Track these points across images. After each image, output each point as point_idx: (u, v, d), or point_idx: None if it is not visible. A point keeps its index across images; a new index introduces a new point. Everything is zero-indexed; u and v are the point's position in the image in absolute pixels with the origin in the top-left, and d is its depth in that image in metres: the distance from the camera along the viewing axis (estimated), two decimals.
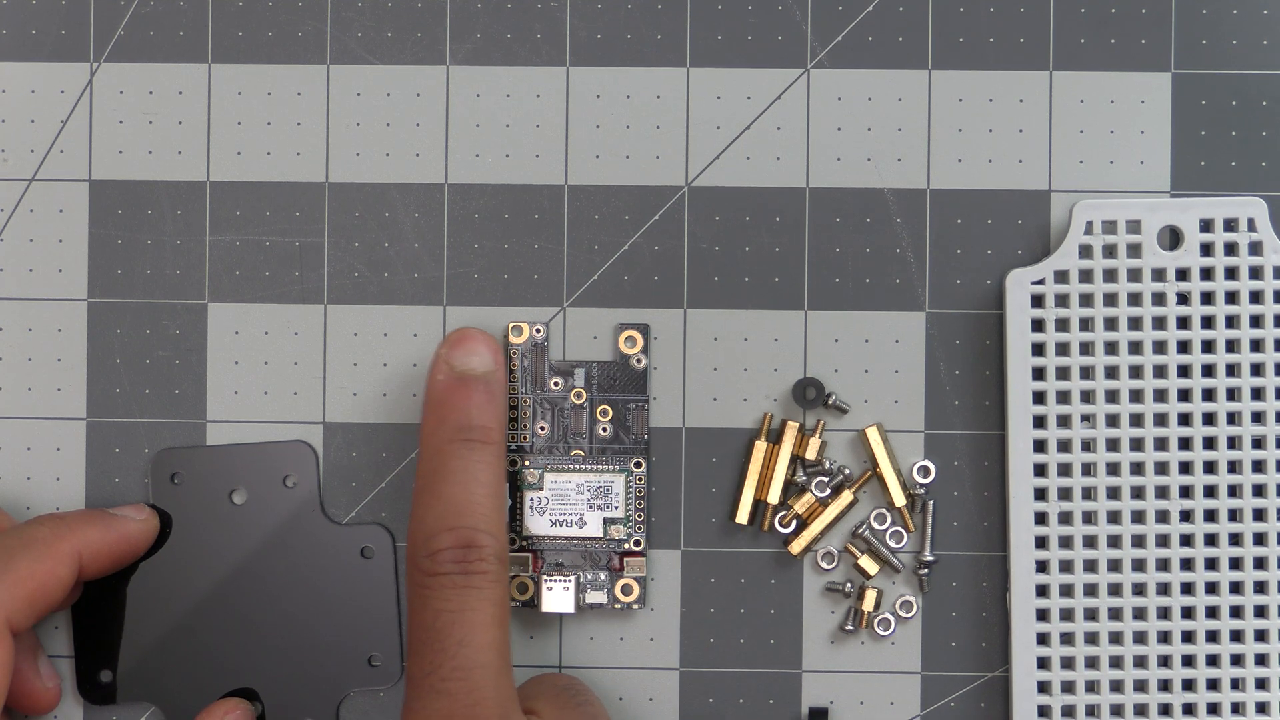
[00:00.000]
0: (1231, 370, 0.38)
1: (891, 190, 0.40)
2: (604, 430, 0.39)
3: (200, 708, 0.39)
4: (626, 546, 0.39)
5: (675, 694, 0.40)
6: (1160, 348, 0.38)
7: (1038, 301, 0.39)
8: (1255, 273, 0.39)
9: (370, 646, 0.39)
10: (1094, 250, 0.39)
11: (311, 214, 0.40)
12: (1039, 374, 0.38)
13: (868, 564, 0.39)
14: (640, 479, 0.39)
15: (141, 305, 0.40)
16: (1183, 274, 0.39)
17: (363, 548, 0.40)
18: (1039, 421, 0.38)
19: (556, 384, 0.39)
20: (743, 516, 0.39)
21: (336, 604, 0.39)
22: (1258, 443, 0.38)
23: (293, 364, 0.40)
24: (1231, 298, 0.38)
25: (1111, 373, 0.38)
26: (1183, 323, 0.39)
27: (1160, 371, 0.38)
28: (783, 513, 0.39)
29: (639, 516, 0.39)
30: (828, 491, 0.39)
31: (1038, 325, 0.38)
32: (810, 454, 0.39)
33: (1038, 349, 0.39)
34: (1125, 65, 0.40)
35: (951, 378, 0.40)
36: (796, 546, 0.39)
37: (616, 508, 0.39)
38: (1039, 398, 0.39)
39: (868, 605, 0.39)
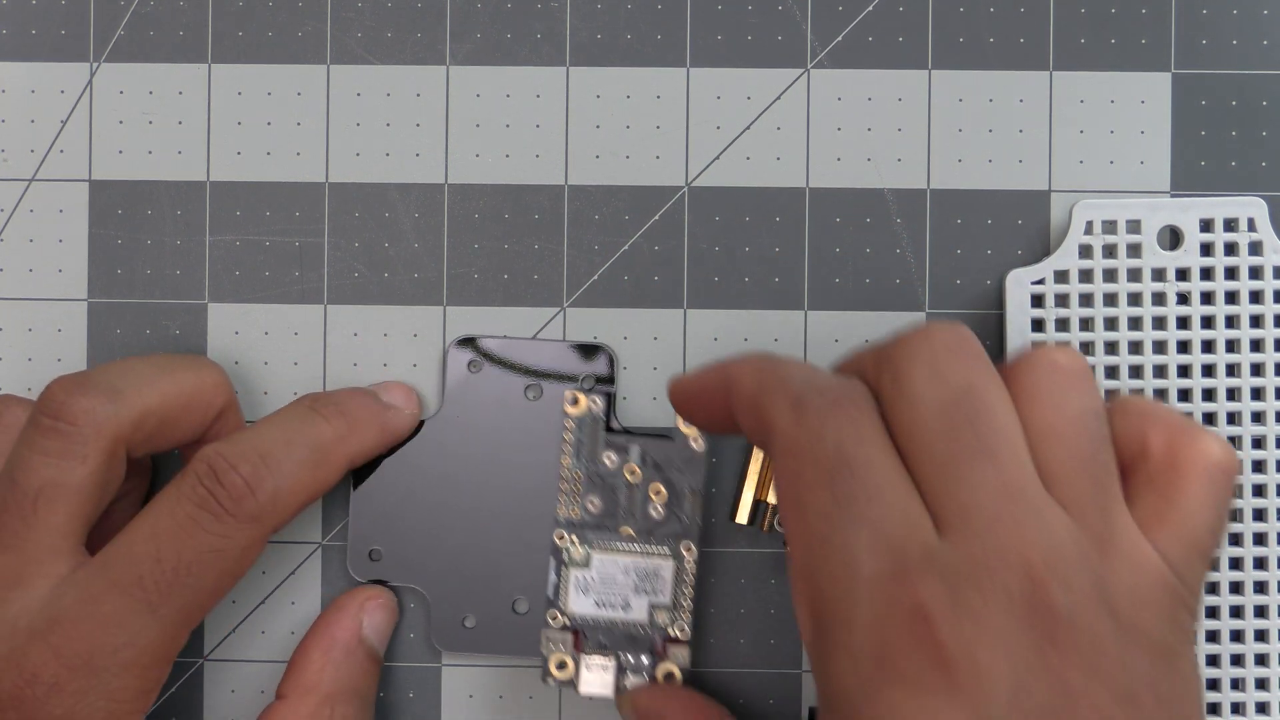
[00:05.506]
0: (1231, 370, 0.38)
1: (891, 190, 0.40)
2: (655, 512, 0.38)
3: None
4: (671, 633, 0.38)
5: None
6: (1160, 348, 0.38)
7: (1038, 301, 0.39)
8: (1255, 273, 0.39)
9: None
10: (1094, 250, 0.39)
11: (311, 214, 0.40)
12: None
13: None
14: (690, 565, 0.38)
15: (141, 305, 0.40)
16: (1183, 274, 0.39)
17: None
18: None
19: (610, 459, 0.39)
20: (743, 517, 0.39)
21: None
22: (1258, 443, 0.38)
23: (293, 364, 0.40)
24: (1231, 298, 0.38)
25: (1111, 373, 0.38)
26: (1183, 323, 0.39)
27: (1160, 371, 0.38)
28: None
29: (687, 604, 0.38)
30: None
31: (1038, 325, 0.38)
32: None
33: None
34: (1125, 65, 0.40)
35: None
36: None
37: (664, 593, 0.38)
38: None
39: None
